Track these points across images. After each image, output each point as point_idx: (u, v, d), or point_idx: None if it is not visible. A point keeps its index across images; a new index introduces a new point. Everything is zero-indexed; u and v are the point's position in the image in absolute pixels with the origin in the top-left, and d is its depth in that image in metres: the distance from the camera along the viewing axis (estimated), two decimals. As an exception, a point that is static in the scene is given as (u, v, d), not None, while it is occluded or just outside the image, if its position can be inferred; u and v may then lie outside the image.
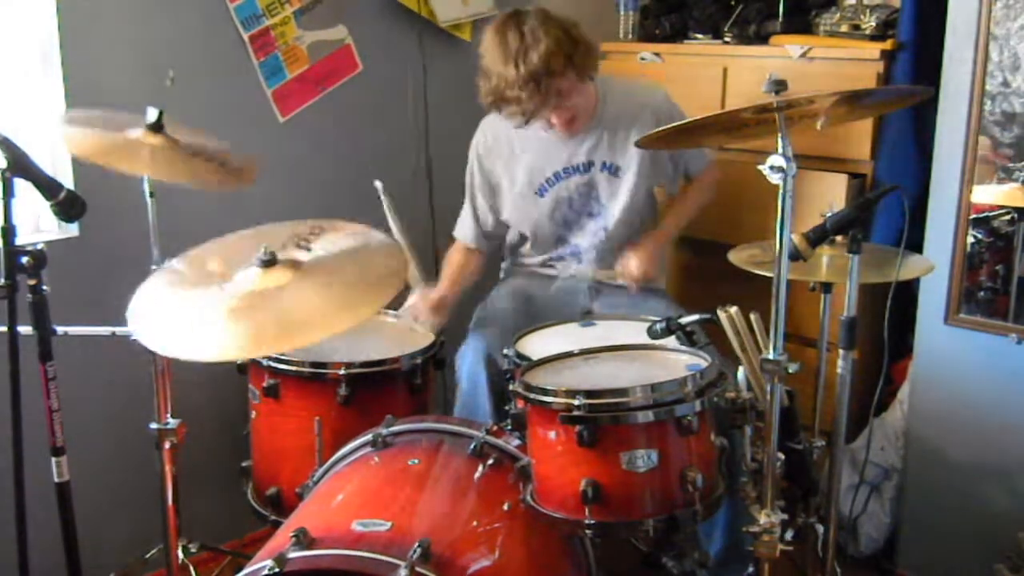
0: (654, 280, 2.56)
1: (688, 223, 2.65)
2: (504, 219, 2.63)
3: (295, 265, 1.64)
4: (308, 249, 1.67)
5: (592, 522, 1.64)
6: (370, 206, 3.01)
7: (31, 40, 2.34)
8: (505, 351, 2.12)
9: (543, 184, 2.53)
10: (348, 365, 2.16)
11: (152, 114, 2.01)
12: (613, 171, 2.50)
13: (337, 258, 1.69)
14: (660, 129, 1.79)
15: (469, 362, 2.30)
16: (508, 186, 2.57)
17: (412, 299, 2.46)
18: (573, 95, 2.36)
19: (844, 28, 2.62)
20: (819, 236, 1.84)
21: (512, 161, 2.55)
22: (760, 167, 1.59)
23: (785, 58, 2.67)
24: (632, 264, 2.46)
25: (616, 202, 2.52)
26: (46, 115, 2.35)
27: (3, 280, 1.78)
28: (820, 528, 2.03)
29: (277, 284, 1.60)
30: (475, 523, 1.72)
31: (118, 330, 1.85)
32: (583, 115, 2.45)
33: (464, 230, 2.68)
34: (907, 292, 2.52)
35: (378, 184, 2.40)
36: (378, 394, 2.20)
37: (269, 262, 1.62)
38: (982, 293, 2.39)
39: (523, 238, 2.66)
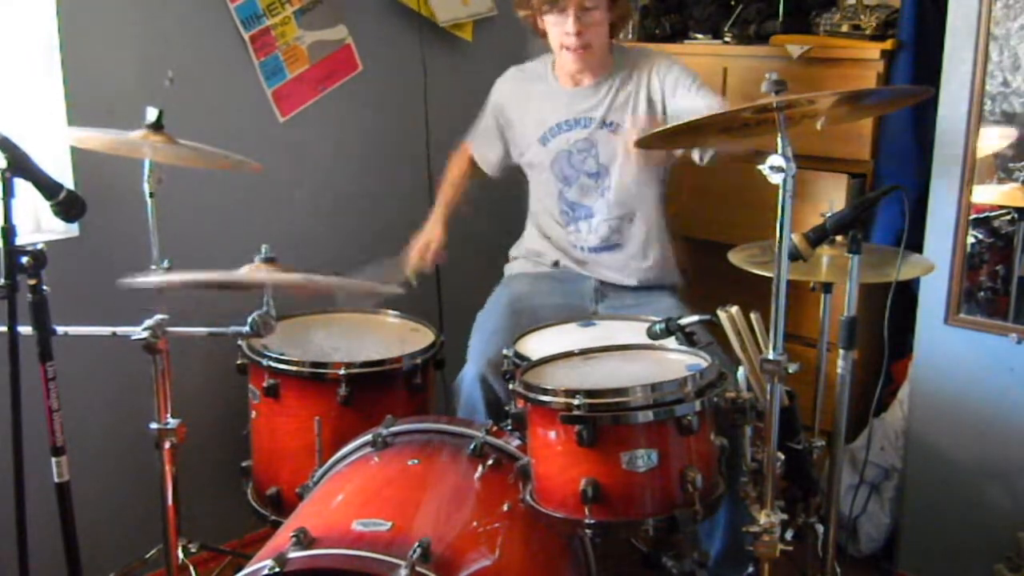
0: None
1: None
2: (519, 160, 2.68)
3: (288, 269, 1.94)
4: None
5: (592, 522, 1.64)
6: (369, 205, 3.02)
7: (31, 40, 2.34)
8: (505, 351, 2.11)
9: (546, 133, 2.58)
10: (348, 365, 2.16)
11: (152, 114, 2.01)
12: (613, 128, 2.53)
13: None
14: (660, 129, 1.80)
15: (466, 389, 2.30)
16: (520, 134, 2.63)
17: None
18: (594, 18, 2.42)
19: (844, 28, 2.62)
20: (819, 236, 1.85)
21: (525, 112, 2.62)
22: (760, 167, 1.59)
23: (785, 58, 2.67)
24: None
25: (616, 162, 2.54)
26: (46, 115, 2.35)
27: (3, 280, 1.78)
28: (820, 528, 2.02)
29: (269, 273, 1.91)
30: (475, 523, 1.72)
31: (118, 330, 1.85)
32: (596, 58, 2.50)
33: (475, 146, 2.76)
34: (907, 292, 2.52)
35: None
36: (378, 394, 2.20)
37: (269, 259, 1.90)
38: (982, 293, 2.39)
39: (531, 210, 2.68)
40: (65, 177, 2.32)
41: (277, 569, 1.49)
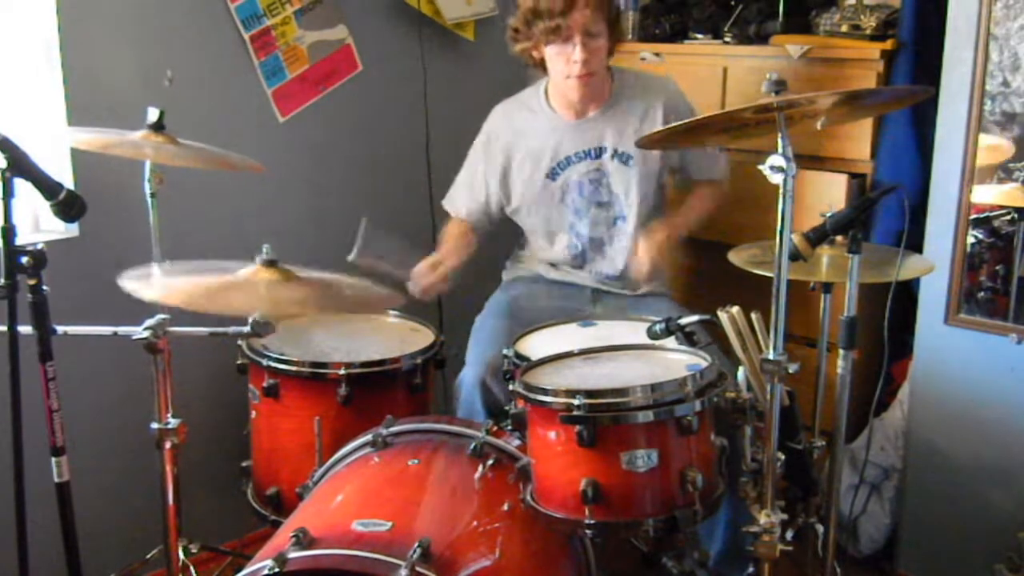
0: (660, 277, 2.55)
1: (692, 227, 2.60)
2: (514, 207, 2.61)
3: (287, 273, 1.88)
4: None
5: (592, 522, 1.64)
6: (369, 205, 3.02)
7: (31, 40, 2.34)
8: (505, 351, 2.11)
9: (554, 168, 2.54)
10: (348, 365, 2.16)
11: (153, 114, 2.01)
12: (624, 159, 2.51)
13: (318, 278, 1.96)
14: (661, 129, 1.80)
15: (466, 393, 2.30)
16: (520, 171, 2.57)
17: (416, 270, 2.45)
18: (599, 45, 2.39)
19: (844, 28, 2.61)
20: (819, 236, 1.84)
21: (525, 146, 2.56)
22: (760, 167, 1.59)
23: (785, 58, 2.66)
24: (641, 254, 2.44)
25: (632, 192, 2.52)
26: (46, 115, 2.35)
27: (3, 280, 1.78)
28: (820, 528, 2.03)
29: (268, 278, 1.84)
30: (475, 523, 1.72)
31: (118, 330, 1.85)
32: (598, 85, 2.47)
33: (456, 203, 2.67)
34: (907, 292, 2.52)
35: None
36: (378, 394, 2.20)
37: (270, 262, 1.85)
38: (982, 293, 2.39)
39: (534, 230, 2.64)
40: (65, 177, 2.32)
41: (277, 569, 1.49)
